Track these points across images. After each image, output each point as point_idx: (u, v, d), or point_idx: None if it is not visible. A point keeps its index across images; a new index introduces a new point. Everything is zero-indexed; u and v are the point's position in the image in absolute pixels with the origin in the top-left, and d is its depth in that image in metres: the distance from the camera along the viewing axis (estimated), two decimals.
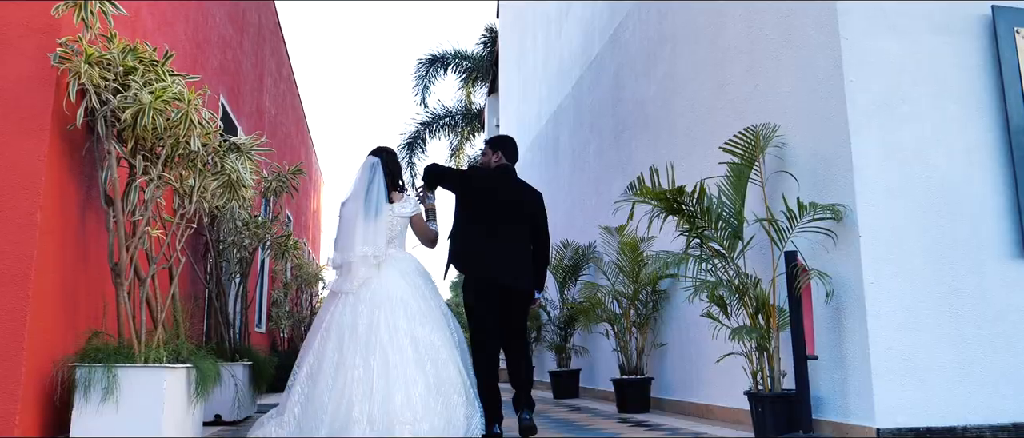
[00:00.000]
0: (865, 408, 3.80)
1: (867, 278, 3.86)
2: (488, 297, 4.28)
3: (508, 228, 4.35)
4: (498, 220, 4.34)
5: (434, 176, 4.50)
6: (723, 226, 4.27)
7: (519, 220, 4.42)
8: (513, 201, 4.44)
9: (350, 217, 3.98)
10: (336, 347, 3.65)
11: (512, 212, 4.41)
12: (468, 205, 4.38)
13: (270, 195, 5.84)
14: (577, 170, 9.43)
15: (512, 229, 4.37)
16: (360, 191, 4.02)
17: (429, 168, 4.55)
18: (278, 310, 9.64)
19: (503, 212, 4.37)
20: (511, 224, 4.38)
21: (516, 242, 4.37)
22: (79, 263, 3.63)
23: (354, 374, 3.55)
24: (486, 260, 4.28)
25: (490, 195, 4.40)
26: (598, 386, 7.92)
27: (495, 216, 4.34)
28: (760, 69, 5.00)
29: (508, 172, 4.54)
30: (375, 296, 3.74)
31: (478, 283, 4.30)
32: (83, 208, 3.64)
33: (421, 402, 3.54)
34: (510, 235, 4.35)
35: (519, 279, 4.33)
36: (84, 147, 3.59)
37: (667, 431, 4.68)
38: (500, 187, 4.45)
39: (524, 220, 4.45)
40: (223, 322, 5.31)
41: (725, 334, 4.61)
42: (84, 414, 3.22)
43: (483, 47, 19.71)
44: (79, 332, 3.54)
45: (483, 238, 4.30)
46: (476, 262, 4.31)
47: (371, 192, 4.00)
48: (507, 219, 4.37)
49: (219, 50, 6.45)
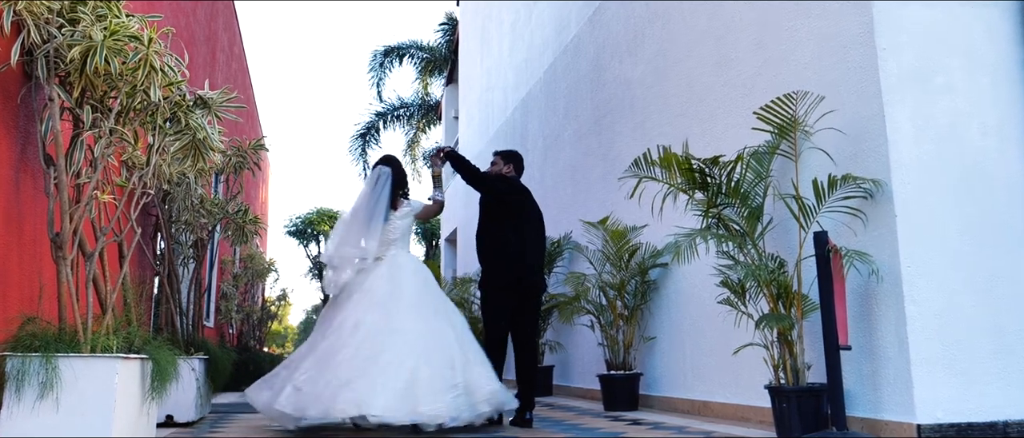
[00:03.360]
0: (902, 402, 3.49)
1: (904, 261, 3.55)
2: (513, 291, 4.73)
3: (531, 232, 4.91)
4: (524, 224, 4.87)
5: (461, 163, 4.84)
6: (743, 204, 3.91)
7: (537, 226, 5.01)
8: (533, 209, 5.04)
9: (355, 220, 4.47)
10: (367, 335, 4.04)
11: (532, 218, 4.98)
12: (500, 209, 4.87)
13: (229, 171, 5.25)
14: (549, 159, 9.03)
15: (533, 233, 4.93)
16: (367, 197, 4.51)
17: (459, 156, 4.93)
18: (227, 303, 8.99)
19: (527, 218, 4.93)
20: (532, 229, 4.94)
21: (537, 244, 4.95)
22: (10, 235, 3.04)
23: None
24: (519, 259, 4.76)
25: (518, 202, 4.94)
26: (574, 383, 7.52)
27: (522, 221, 4.88)
28: (771, 41, 4.67)
29: (523, 185, 5.14)
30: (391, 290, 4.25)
31: (506, 279, 4.74)
32: (16, 168, 3.06)
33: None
34: (532, 238, 4.91)
35: (539, 274, 4.93)
36: (19, 94, 3.00)
37: (673, 430, 4.30)
38: (524, 196, 5.03)
39: (539, 226, 5.04)
40: (177, 311, 4.72)
41: (738, 324, 4.27)
42: (15, 413, 2.67)
43: (442, 35, 19.15)
44: (9, 316, 2.96)
45: (514, 240, 4.78)
46: (508, 260, 4.76)
47: (378, 201, 4.49)
48: (530, 224, 4.93)
49: (172, 13, 5.83)
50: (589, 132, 7.66)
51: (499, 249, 4.79)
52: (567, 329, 7.41)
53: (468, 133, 14.20)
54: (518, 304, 4.75)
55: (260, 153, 5.56)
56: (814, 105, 3.94)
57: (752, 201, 3.94)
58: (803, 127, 4.00)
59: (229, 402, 6.77)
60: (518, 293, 4.75)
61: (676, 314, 5.61)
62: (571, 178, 8.17)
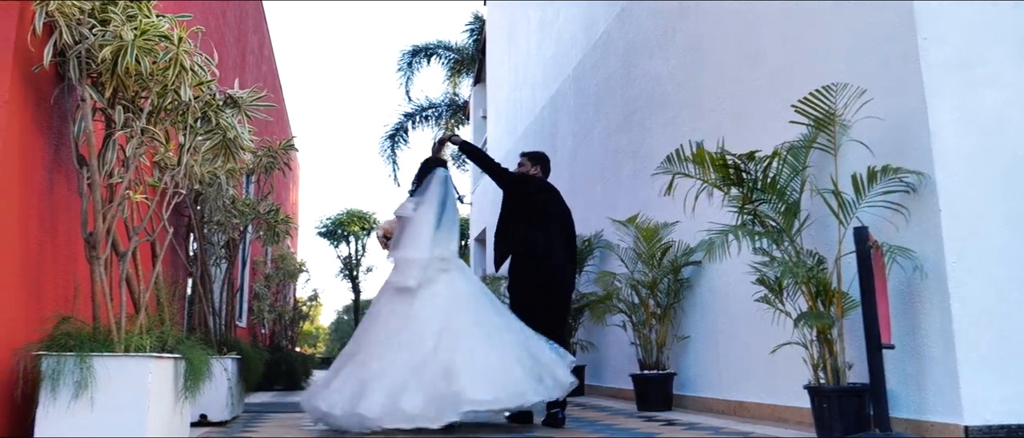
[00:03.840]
0: (948, 403, 3.37)
1: (949, 257, 3.43)
2: (541, 290, 4.76)
3: (558, 231, 4.92)
4: (550, 224, 4.89)
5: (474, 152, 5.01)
6: (780, 200, 3.82)
7: (565, 225, 5.01)
8: (559, 207, 5.03)
9: (421, 220, 4.49)
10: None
11: (558, 216, 4.98)
12: (526, 207, 4.89)
13: (260, 172, 5.27)
14: (578, 157, 8.96)
15: (559, 231, 4.93)
16: (433, 199, 4.54)
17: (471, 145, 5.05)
18: (260, 303, 9.05)
19: (552, 216, 4.93)
20: (558, 227, 4.94)
21: (563, 242, 4.94)
22: (45, 234, 3.07)
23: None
24: (545, 258, 4.78)
25: (545, 202, 4.94)
26: (606, 383, 7.45)
27: (549, 220, 4.89)
28: (803, 34, 4.57)
29: (549, 183, 5.17)
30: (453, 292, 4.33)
31: (535, 279, 4.77)
32: (50, 169, 3.08)
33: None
34: (559, 237, 4.91)
35: (568, 273, 4.96)
36: (52, 95, 3.02)
37: (709, 430, 4.22)
38: (551, 195, 5.03)
39: (567, 225, 5.04)
40: (210, 311, 4.74)
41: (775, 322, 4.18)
42: (51, 412, 2.68)
43: (469, 35, 19.15)
44: (45, 316, 2.97)
45: (541, 240, 4.80)
46: (536, 260, 4.78)
47: (447, 203, 4.57)
48: (556, 223, 4.93)
49: (201, 15, 5.87)
50: (619, 129, 7.58)
51: (526, 250, 4.81)
52: (599, 328, 7.33)
53: (496, 132, 14.17)
54: (546, 303, 4.76)
55: (290, 154, 5.57)
56: (854, 97, 3.83)
57: (789, 196, 3.84)
58: (841, 120, 3.89)
59: (262, 401, 6.80)
60: (546, 292, 4.77)
61: (710, 313, 5.52)
62: (601, 176, 8.09)
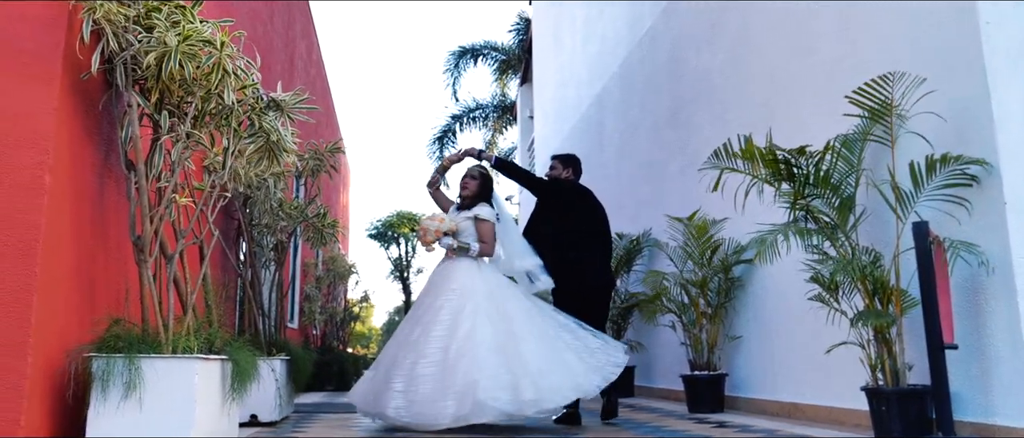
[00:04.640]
0: (1018, 406, 3.20)
1: (1016, 252, 3.26)
2: (577, 293, 4.77)
3: (594, 232, 4.95)
4: (586, 226, 4.93)
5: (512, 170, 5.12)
6: (834, 194, 3.68)
7: (600, 228, 5.02)
8: (595, 211, 5.05)
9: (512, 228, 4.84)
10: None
11: (592, 217, 5.01)
12: (558, 209, 4.94)
13: (306, 175, 5.32)
14: (624, 155, 8.85)
15: (596, 233, 4.96)
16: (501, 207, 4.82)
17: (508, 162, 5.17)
18: (311, 305, 9.17)
19: (590, 219, 4.98)
20: (596, 229, 4.98)
21: (602, 244, 4.99)
22: (97, 238, 3.13)
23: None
24: (578, 261, 4.80)
25: (580, 205, 4.99)
26: (656, 384, 7.33)
27: (584, 222, 4.94)
28: (857, 23, 4.40)
29: (583, 185, 5.18)
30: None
31: (572, 283, 4.77)
32: (101, 174, 3.15)
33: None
34: (595, 238, 4.95)
35: (605, 274, 5.00)
36: (101, 101, 3.08)
37: (763, 432, 4.10)
38: (586, 198, 5.06)
39: (602, 228, 5.04)
40: (259, 312, 4.80)
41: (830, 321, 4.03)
42: (102, 412, 2.73)
43: (515, 35, 19.13)
44: (97, 317, 3.03)
45: (578, 241, 4.84)
46: (570, 263, 4.76)
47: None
48: (593, 225, 4.97)
49: (249, 21, 5.97)
50: (666, 125, 7.46)
51: (561, 255, 4.76)
52: (648, 329, 7.22)
53: (544, 132, 14.11)
54: (582, 304, 4.72)
55: (338, 156, 5.61)
56: (912, 87, 3.67)
57: (843, 191, 3.70)
58: (899, 110, 3.74)
59: (313, 402, 6.87)
60: (581, 296, 4.78)
61: (762, 312, 5.37)
62: (648, 173, 7.97)
